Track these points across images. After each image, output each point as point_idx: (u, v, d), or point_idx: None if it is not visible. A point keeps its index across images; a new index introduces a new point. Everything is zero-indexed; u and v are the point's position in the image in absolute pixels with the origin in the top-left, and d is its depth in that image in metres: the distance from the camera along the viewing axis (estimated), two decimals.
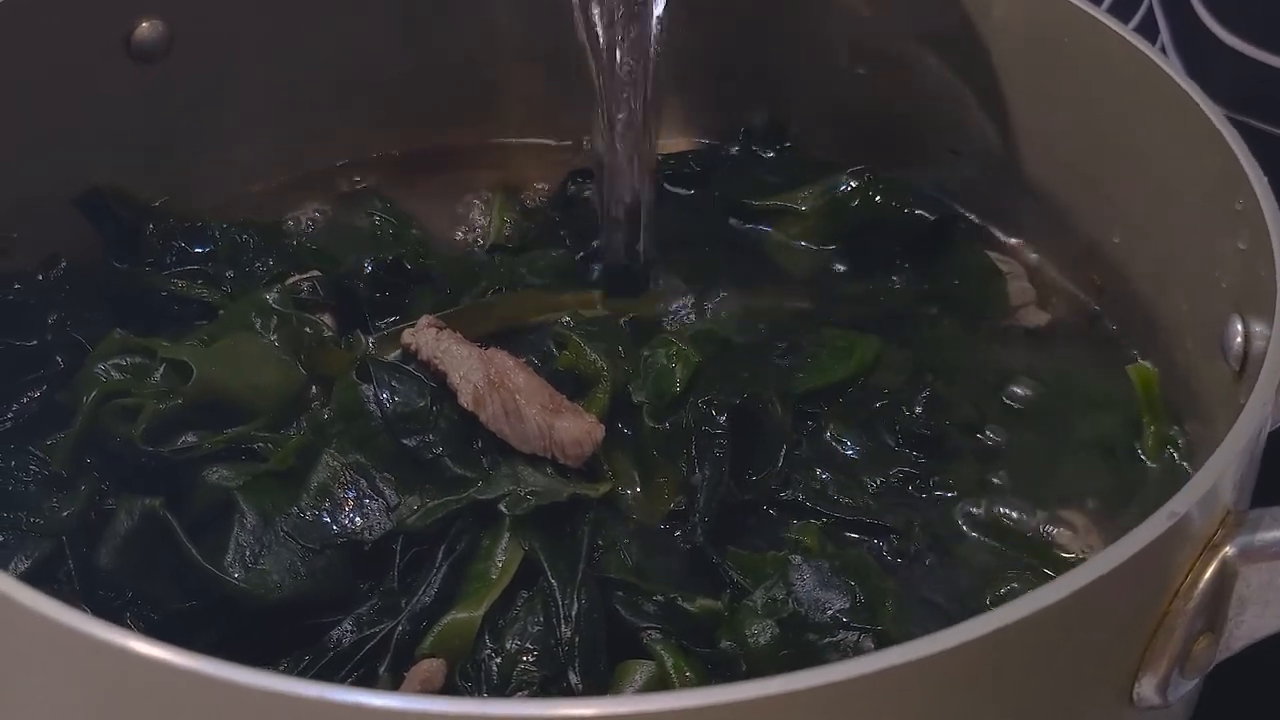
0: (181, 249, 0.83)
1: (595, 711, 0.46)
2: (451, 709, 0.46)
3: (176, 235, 0.83)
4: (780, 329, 0.81)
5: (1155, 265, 0.78)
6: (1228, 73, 0.86)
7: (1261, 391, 0.56)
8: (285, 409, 0.72)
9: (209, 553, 0.66)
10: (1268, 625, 0.56)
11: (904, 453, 0.75)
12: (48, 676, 0.52)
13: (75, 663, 0.50)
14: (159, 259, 0.82)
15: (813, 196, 0.87)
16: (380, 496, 0.68)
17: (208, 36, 0.85)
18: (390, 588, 0.66)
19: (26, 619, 0.49)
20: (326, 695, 0.47)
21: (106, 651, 0.48)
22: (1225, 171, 0.67)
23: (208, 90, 0.86)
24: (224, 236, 0.83)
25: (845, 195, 0.86)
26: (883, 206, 0.86)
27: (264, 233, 0.84)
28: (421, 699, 0.50)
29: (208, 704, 0.48)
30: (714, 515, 0.70)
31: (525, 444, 0.70)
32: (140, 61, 0.83)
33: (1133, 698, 0.56)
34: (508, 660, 0.63)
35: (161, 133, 0.85)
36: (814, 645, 0.63)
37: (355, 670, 0.64)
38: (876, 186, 0.86)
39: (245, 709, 0.48)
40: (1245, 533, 0.55)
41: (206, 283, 0.81)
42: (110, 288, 0.80)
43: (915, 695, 0.50)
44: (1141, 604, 0.54)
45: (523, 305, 0.80)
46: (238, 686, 0.47)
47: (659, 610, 0.65)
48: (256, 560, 0.66)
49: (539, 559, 0.65)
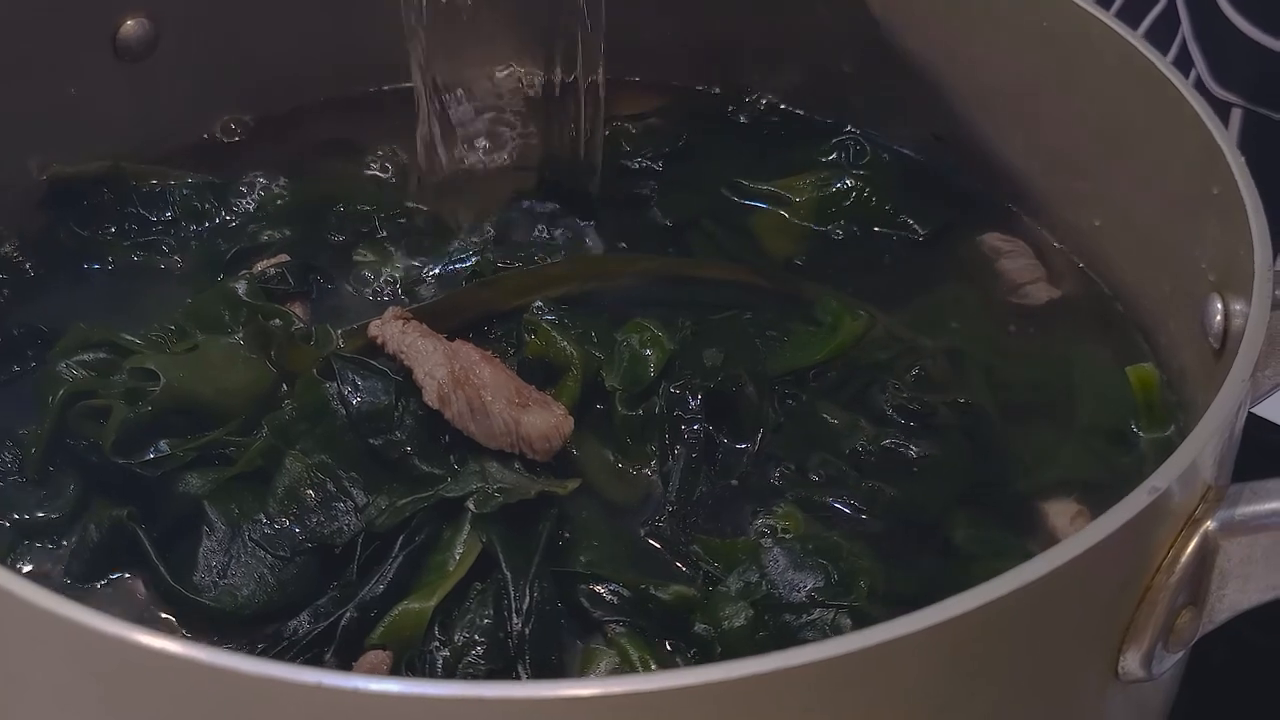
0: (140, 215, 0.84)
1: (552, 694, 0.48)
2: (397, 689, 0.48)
3: (134, 201, 0.85)
4: (763, 302, 0.82)
5: (1137, 248, 0.79)
6: (1248, 65, 0.87)
7: (1239, 368, 0.58)
8: (256, 410, 0.72)
9: (179, 566, 0.66)
10: (1249, 599, 0.58)
11: (891, 427, 0.75)
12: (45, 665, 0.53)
13: (76, 654, 0.51)
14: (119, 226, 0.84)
15: (808, 188, 0.88)
16: (348, 498, 0.69)
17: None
18: (349, 580, 0.66)
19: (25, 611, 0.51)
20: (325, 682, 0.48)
21: (105, 642, 0.49)
22: (1204, 154, 0.69)
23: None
24: (183, 202, 0.85)
25: (838, 193, 0.88)
26: (876, 210, 0.87)
27: (218, 191, 0.86)
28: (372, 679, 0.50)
29: (214, 693, 0.50)
30: (686, 503, 0.70)
31: (492, 440, 0.70)
32: (126, 60, 0.85)
33: (1118, 671, 0.57)
34: (455, 653, 0.64)
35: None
36: (790, 626, 0.64)
37: (300, 656, 0.64)
38: (872, 186, 0.87)
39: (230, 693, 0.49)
40: (1226, 507, 0.57)
41: (172, 251, 0.83)
42: (73, 257, 0.82)
43: (900, 673, 0.51)
44: (1125, 578, 0.56)
45: (493, 294, 0.80)
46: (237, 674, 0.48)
47: (625, 603, 0.66)
48: (224, 573, 0.67)
49: (495, 551, 0.66)
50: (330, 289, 0.82)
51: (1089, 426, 0.76)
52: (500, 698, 0.48)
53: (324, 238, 0.85)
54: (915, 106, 0.89)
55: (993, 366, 0.79)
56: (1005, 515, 0.72)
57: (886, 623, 0.49)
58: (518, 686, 0.53)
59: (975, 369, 0.79)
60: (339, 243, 0.85)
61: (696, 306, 0.80)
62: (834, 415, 0.75)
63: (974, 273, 0.85)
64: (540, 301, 0.77)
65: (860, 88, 0.91)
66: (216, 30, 0.89)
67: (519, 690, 0.51)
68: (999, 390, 0.78)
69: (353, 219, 0.86)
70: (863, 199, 0.87)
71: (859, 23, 0.89)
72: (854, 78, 0.91)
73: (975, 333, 0.81)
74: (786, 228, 0.87)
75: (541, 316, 0.76)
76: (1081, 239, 0.84)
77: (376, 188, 0.88)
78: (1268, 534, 0.56)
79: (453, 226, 0.86)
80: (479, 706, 0.48)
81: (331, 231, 0.85)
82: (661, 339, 0.75)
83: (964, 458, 0.74)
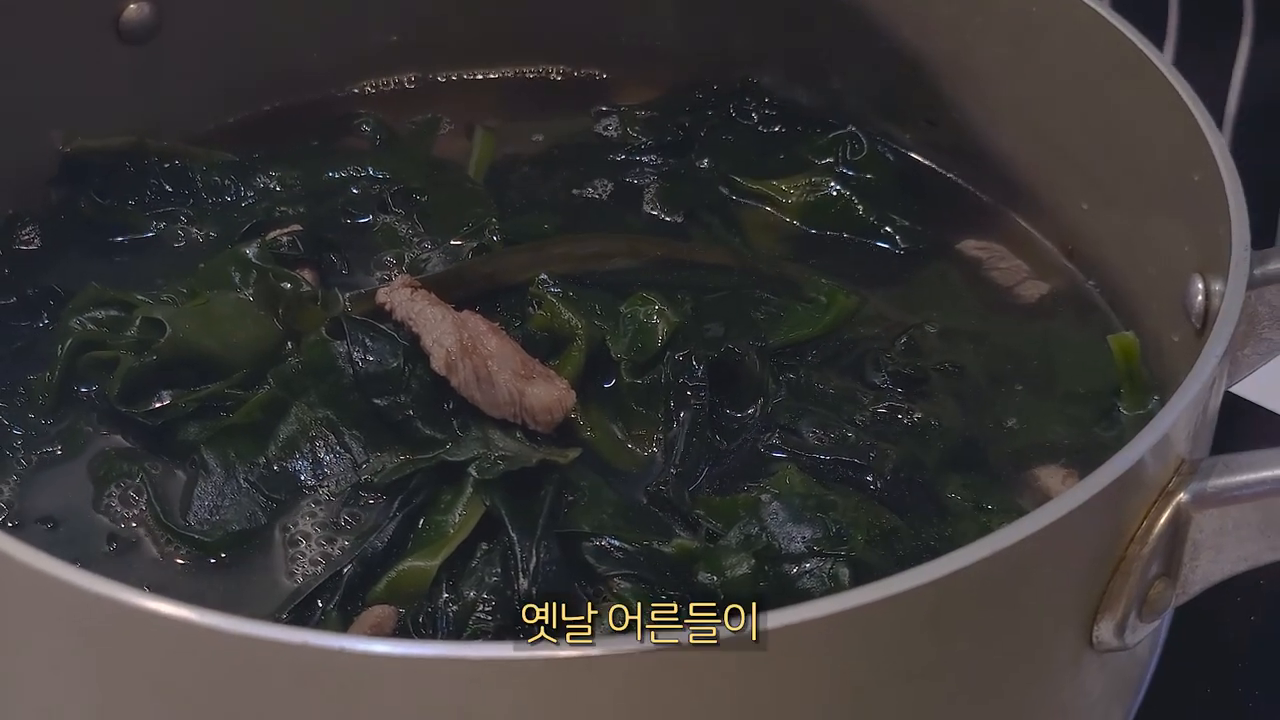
0: (160, 188, 0.87)
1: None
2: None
3: (155, 173, 0.87)
4: (759, 285, 0.84)
5: (1124, 232, 0.82)
6: None
7: (1214, 343, 0.60)
8: (261, 365, 0.75)
9: (176, 506, 0.71)
10: (1221, 570, 0.60)
11: (886, 393, 0.77)
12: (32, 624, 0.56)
13: (64, 613, 0.54)
14: (140, 198, 0.87)
15: (796, 192, 0.90)
16: (348, 452, 0.72)
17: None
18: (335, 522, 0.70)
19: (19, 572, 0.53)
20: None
21: (92, 602, 0.52)
22: (1187, 138, 0.71)
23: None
24: (203, 177, 0.88)
25: (825, 199, 0.90)
26: (861, 221, 0.89)
27: (239, 170, 0.89)
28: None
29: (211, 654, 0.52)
30: (690, 466, 0.73)
31: (496, 409, 0.73)
32: (129, 43, 0.87)
33: (1092, 640, 0.59)
34: (464, 609, 0.66)
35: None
36: (789, 575, 0.66)
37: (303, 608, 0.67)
38: (861, 193, 0.89)
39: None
40: (1198, 480, 0.59)
41: (190, 222, 0.86)
42: (92, 226, 0.85)
43: (881, 634, 0.53)
44: (1099, 548, 0.58)
45: (497, 268, 0.83)
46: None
47: (630, 557, 0.68)
48: (216, 511, 0.70)
49: (500, 514, 0.68)
50: (340, 259, 0.84)
51: (1075, 395, 0.78)
52: (483, 658, 0.50)
53: (336, 217, 0.87)
54: (908, 98, 0.92)
55: (981, 341, 0.82)
56: (996, 476, 0.75)
57: (858, 589, 0.52)
58: (496, 648, 0.53)
59: (964, 341, 0.82)
60: (351, 219, 0.87)
61: (693, 288, 0.83)
62: (831, 385, 0.78)
63: (961, 279, 0.87)
64: (545, 275, 0.80)
65: (855, 81, 0.94)
66: (223, 13, 0.91)
67: (498, 651, 0.51)
68: (988, 361, 0.81)
69: (365, 198, 0.88)
70: (850, 206, 0.90)
71: (853, 14, 0.91)
72: (849, 71, 0.94)
73: (963, 323, 0.84)
74: (776, 226, 0.90)
75: (547, 289, 0.79)
76: (1069, 226, 0.86)
77: (389, 166, 0.91)
78: (1238, 506, 0.59)
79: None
80: (466, 667, 0.50)
81: (344, 207, 0.88)
82: (667, 311, 0.77)
83: (956, 419, 0.77)
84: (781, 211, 0.90)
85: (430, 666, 0.51)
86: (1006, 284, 0.86)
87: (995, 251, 0.88)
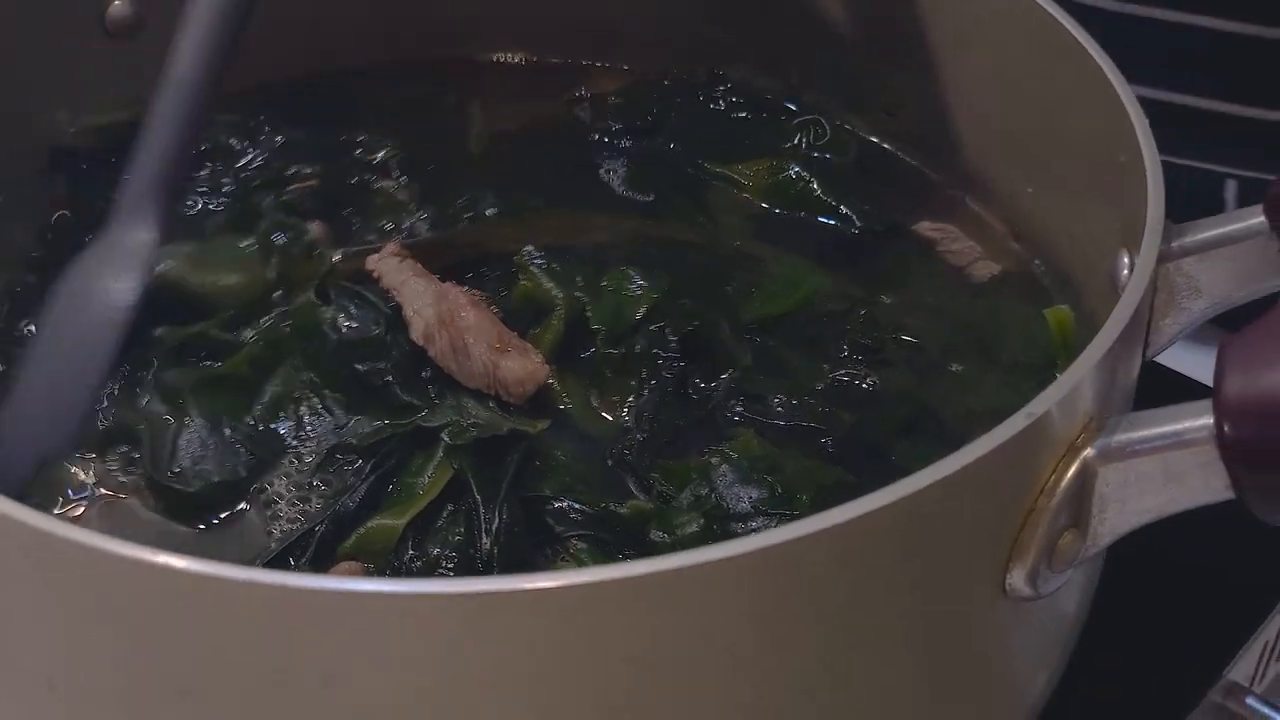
0: None
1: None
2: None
3: None
4: (732, 263, 0.88)
5: (1064, 214, 0.85)
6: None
7: (1122, 307, 0.63)
8: (245, 312, 0.80)
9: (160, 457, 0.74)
10: (1127, 522, 0.63)
11: (844, 359, 0.81)
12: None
13: (39, 561, 0.56)
14: None
15: (757, 175, 0.94)
16: (330, 414, 0.76)
17: None
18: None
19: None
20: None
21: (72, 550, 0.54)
22: (1114, 119, 0.75)
23: None
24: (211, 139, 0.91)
25: (784, 181, 0.94)
26: (819, 202, 0.93)
27: (248, 131, 0.92)
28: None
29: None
30: (652, 432, 0.77)
31: (470, 380, 0.76)
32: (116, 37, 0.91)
33: (1005, 588, 0.62)
34: (428, 565, 0.70)
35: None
36: (736, 533, 0.70)
37: (277, 563, 0.70)
38: (820, 177, 0.93)
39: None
40: (1104, 436, 0.62)
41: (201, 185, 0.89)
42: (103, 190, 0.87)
43: (805, 569, 0.56)
44: (1009, 498, 0.61)
45: (482, 236, 0.87)
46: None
47: (588, 519, 0.72)
48: (199, 461, 0.74)
49: (467, 478, 0.71)
50: (346, 217, 0.88)
51: (1018, 366, 0.82)
52: (453, 593, 0.54)
53: (343, 176, 0.91)
54: (868, 89, 0.95)
55: (935, 316, 0.86)
56: (945, 440, 0.77)
57: (761, 533, 0.55)
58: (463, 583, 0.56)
59: (919, 316, 0.85)
60: (359, 179, 0.91)
61: (671, 263, 0.86)
62: (795, 357, 0.82)
63: (916, 259, 0.91)
64: (531, 246, 0.84)
65: (817, 74, 0.97)
66: None
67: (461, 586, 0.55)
68: (941, 335, 0.84)
69: (370, 165, 0.92)
70: (808, 189, 0.93)
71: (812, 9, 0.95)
72: (812, 64, 0.97)
73: (918, 299, 0.88)
74: (741, 205, 0.94)
75: (531, 259, 0.83)
76: (1017, 209, 0.90)
77: (388, 137, 0.95)
78: (1140, 460, 0.61)
79: None
80: (440, 601, 0.53)
81: (351, 169, 0.92)
82: (646, 285, 0.81)
83: (910, 387, 0.81)
84: (745, 193, 0.94)
85: (387, 601, 0.53)
86: (959, 264, 0.90)
87: (949, 233, 0.91)
